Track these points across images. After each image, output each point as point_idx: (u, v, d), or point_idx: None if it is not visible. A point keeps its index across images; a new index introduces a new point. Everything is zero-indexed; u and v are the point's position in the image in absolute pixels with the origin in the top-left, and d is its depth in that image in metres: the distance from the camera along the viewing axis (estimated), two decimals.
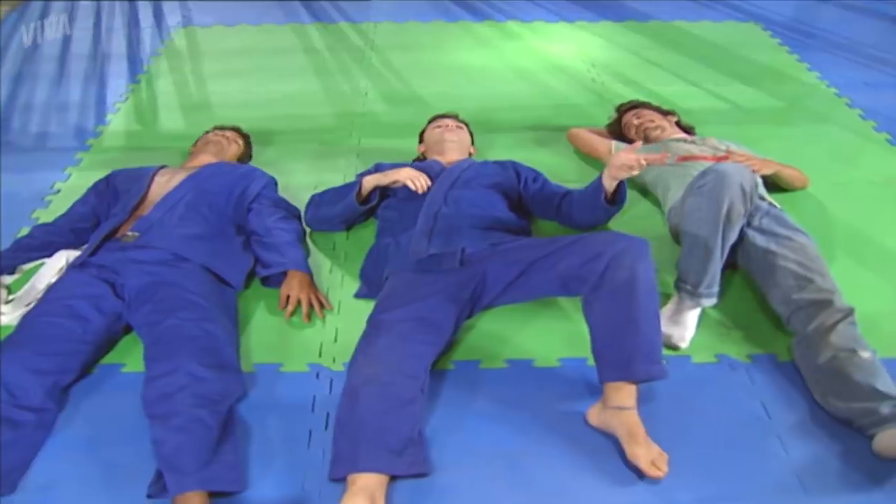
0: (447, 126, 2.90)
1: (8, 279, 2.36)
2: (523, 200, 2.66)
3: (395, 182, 2.53)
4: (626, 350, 1.86)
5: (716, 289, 2.18)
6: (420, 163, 2.77)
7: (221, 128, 3.03)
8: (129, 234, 2.34)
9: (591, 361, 2.05)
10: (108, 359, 2.10)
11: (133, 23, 4.95)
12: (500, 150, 3.18)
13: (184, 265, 2.23)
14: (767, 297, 2.21)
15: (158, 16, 5.11)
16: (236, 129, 3.05)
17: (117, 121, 3.55)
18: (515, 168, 2.73)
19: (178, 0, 5.31)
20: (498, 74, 4.07)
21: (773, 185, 2.78)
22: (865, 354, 1.93)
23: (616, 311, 1.90)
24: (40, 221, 2.66)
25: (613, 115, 3.21)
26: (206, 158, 2.80)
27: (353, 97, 3.81)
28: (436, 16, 5.02)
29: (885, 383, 1.86)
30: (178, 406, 1.78)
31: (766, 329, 2.23)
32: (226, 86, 3.95)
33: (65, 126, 3.50)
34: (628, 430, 1.79)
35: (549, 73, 4.07)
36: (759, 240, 2.28)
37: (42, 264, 2.36)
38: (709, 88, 3.86)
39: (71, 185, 2.93)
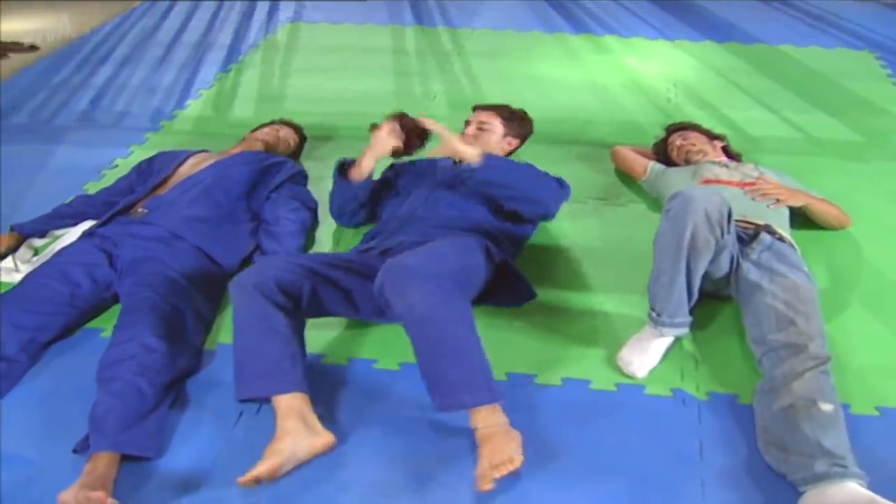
0: (468, 123, 2.89)
1: (38, 242, 2.60)
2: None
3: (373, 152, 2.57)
4: (432, 381, 1.80)
5: (681, 319, 2.09)
6: (427, 160, 2.79)
7: (281, 122, 3.19)
8: (140, 210, 2.53)
9: (594, 384, 2.05)
10: (93, 324, 2.25)
11: (247, 16, 5.27)
12: (540, 162, 3.13)
13: (177, 244, 2.38)
14: (746, 334, 2.11)
15: (273, 11, 5.41)
16: (292, 126, 3.18)
17: (194, 106, 3.80)
18: None
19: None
20: (572, 87, 4.03)
21: (809, 219, 2.63)
22: (826, 407, 1.80)
23: (414, 343, 1.82)
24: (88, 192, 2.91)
25: (662, 134, 3.12)
26: (248, 147, 2.97)
27: (420, 100, 3.89)
28: (536, 26, 5.03)
29: (834, 440, 1.73)
30: (122, 372, 1.91)
31: (737, 368, 2.12)
32: (306, 80, 4.14)
33: (146, 107, 3.77)
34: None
35: (625, 90, 3.99)
36: (752, 273, 2.17)
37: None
38: (786, 116, 3.66)
39: (128, 162, 3.14)
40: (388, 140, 2.55)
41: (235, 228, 2.59)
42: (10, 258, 2.49)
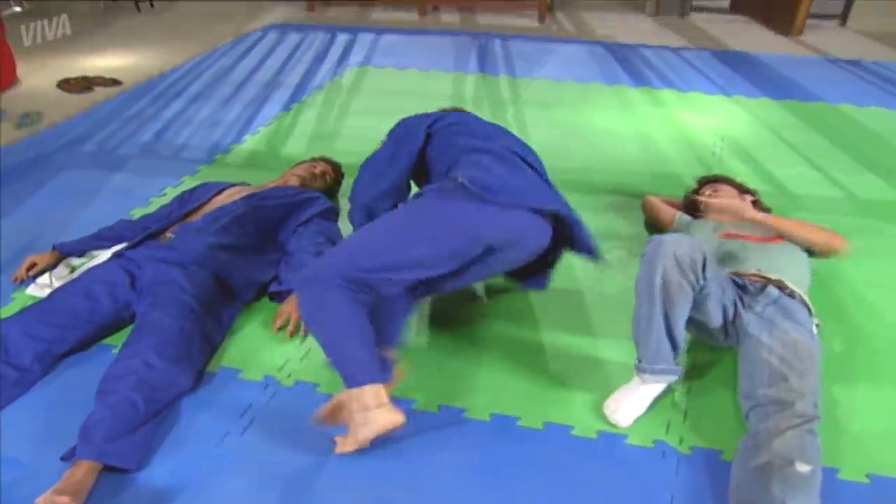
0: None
1: (76, 261, 2.74)
2: None
3: None
4: None
5: (663, 366, 2.03)
6: None
7: (320, 159, 3.29)
8: (168, 235, 2.65)
9: (576, 430, 2.02)
10: (108, 340, 2.34)
11: (318, 59, 5.46)
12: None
13: (196, 269, 2.46)
14: (737, 387, 2.05)
15: (346, 53, 5.59)
16: (330, 162, 3.28)
17: (250, 141, 3.94)
18: None
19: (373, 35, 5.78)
20: (621, 137, 4.00)
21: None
22: (803, 468, 1.72)
23: None
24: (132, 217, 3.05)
25: (694, 185, 3.08)
26: (284, 181, 3.08)
27: None
28: (597, 78, 5.04)
29: (803, 502, 1.66)
30: (120, 387, 1.99)
31: (727, 423, 2.04)
32: (361, 121, 4.24)
33: (205, 141, 3.93)
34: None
35: (671, 142, 3.94)
36: (753, 326, 2.11)
37: None
38: (832, 175, 3.54)
39: (176, 191, 3.29)
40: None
41: (258, 258, 2.66)
42: (46, 275, 2.63)
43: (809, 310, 2.23)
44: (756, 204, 2.89)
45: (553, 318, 2.52)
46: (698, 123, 4.20)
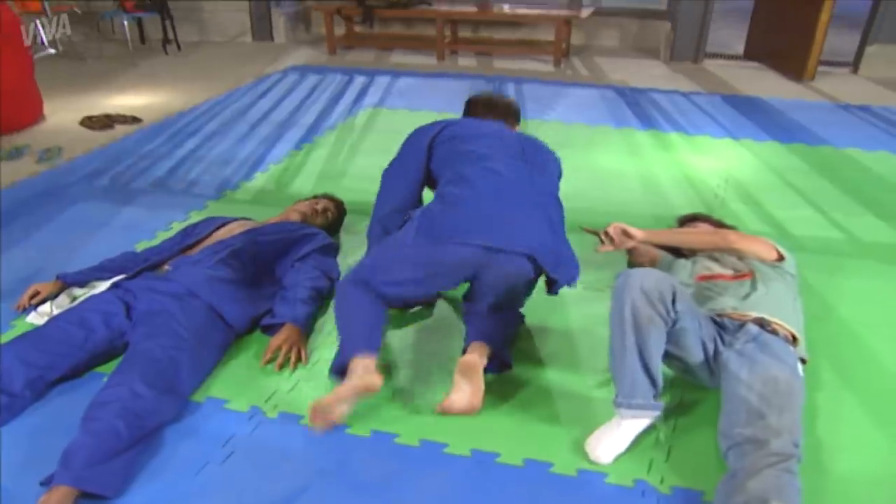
0: None
1: (79, 291, 2.77)
2: None
3: None
4: None
5: (640, 401, 2.00)
6: None
7: (322, 196, 3.33)
8: (166, 268, 2.68)
9: (556, 468, 2.00)
10: (101, 368, 2.35)
11: (335, 99, 5.55)
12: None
13: (190, 300, 2.48)
14: (718, 426, 2.01)
15: (361, 95, 5.68)
16: (332, 200, 3.32)
17: (260, 179, 3.99)
18: None
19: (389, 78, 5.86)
20: (623, 179, 4.01)
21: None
22: None
23: None
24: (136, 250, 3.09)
25: (675, 225, 3.07)
26: (285, 217, 3.11)
27: None
28: (607, 121, 5.06)
29: None
30: (105, 413, 2.00)
31: (711, 463, 2.00)
32: (368, 160, 4.26)
33: (216, 177, 3.98)
34: None
35: (675, 184, 3.94)
36: (733, 363, 2.08)
37: None
38: (834, 217, 3.52)
39: (183, 225, 3.35)
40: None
41: (254, 292, 2.68)
42: (48, 304, 2.66)
43: (795, 345, 2.20)
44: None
45: (537, 352, 2.51)
46: (704, 166, 4.19)
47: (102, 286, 2.70)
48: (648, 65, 6.79)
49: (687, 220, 2.96)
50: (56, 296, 2.72)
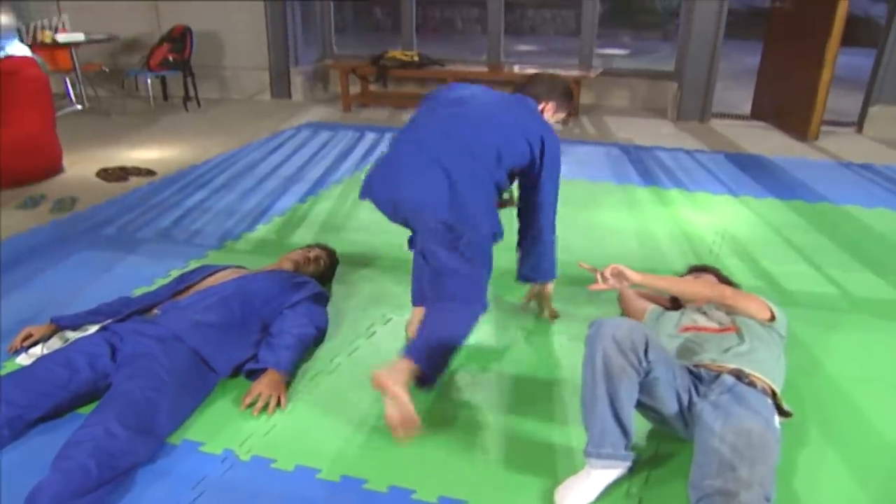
0: None
1: (71, 334, 2.80)
2: None
3: None
4: None
5: (608, 451, 1.97)
6: None
7: (315, 245, 3.38)
8: (155, 312, 2.72)
9: None
10: (84, 409, 2.36)
11: (344, 154, 5.64)
12: (561, 303, 3.17)
13: (175, 344, 2.51)
14: (689, 477, 1.98)
15: (370, 150, 5.76)
16: (325, 249, 3.37)
17: (262, 230, 4.05)
18: None
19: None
20: (620, 234, 4.01)
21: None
22: None
23: None
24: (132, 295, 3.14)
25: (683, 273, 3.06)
26: (278, 266, 3.16)
27: None
28: (608, 177, 5.09)
29: None
30: (77, 452, 2.00)
31: None
32: (372, 214, 4.27)
33: (219, 228, 4.04)
34: None
35: (671, 239, 3.93)
36: (707, 414, 2.05)
37: None
38: (828, 272, 3.49)
39: (180, 273, 3.41)
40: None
41: (241, 338, 2.69)
42: (39, 346, 2.70)
43: (775, 398, 2.18)
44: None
45: (509, 399, 2.49)
46: (701, 222, 4.19)
47: (94, 329, 2.74)
48: (656, 124, 6.84)
49: (695, 271, 2.95)
50: (48, 338, 2.75)
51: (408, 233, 2.78)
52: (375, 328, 2.97)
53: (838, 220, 4.22)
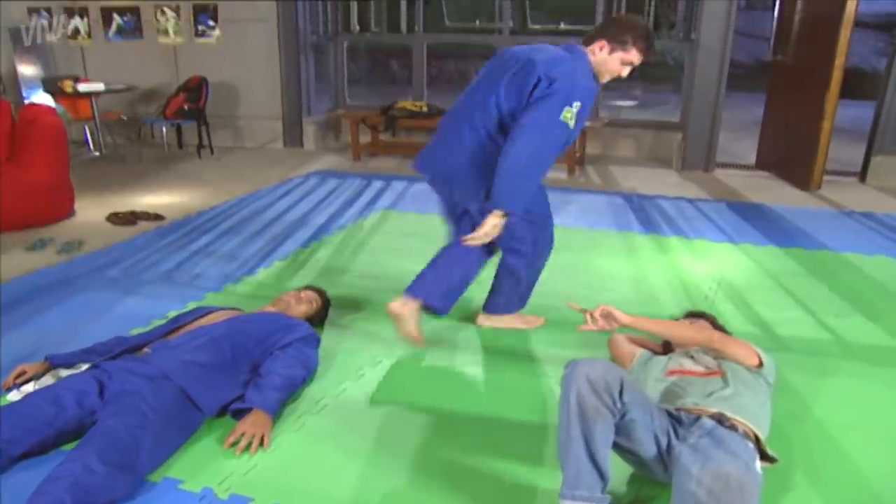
0: None
1: (64, 372, 2.83)
2: None
3: None
4: None
5: (583, 493, 1.93)
6: None
7: (308, 287, 3.41)
8: (145, 350, 2.75)
9: None
10: (69, 446, 2.37)
11: (349, 202, 5.70)
12: (553, 346, 3.17)
13: (163, 383, 2.51)
14: None
15: (375, 198, 5.83)
16: (317, 291, 3.40)
17: (262, 274, 4.08)
18: None
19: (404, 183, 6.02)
20: (616, 280, 4.00)
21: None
22: None
23: None
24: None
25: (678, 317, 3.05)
26: (269, 309, 3.19)
27: None
28: (609, 225, 5.10)
29: None
30: (54, 488, 2.00)
31: None
32: (372, 259, 4.35)
33: (220, 271, 4.07)
34: None
35: (667, 285, 3.92)
36: (685, 458, 2.02)
37: None
38: (823, 318, 3.46)
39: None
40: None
41: (230, 378, 2.69)
42: (31, 383, 2.72)
43: (759, 444, 2.15)
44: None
45: (497, 443, 2.47)
46: (698, 268, 4.18)
47: (86, 367, 2.77)
48: (661, 174, 6.86)
49: (690, 316, 2.94)
50: (41, 376, 2.77)
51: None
52: (364, 371, 2.96)
53: (837, 267, 4.19)
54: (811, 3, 6.03)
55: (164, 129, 7.57)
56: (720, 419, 2.15)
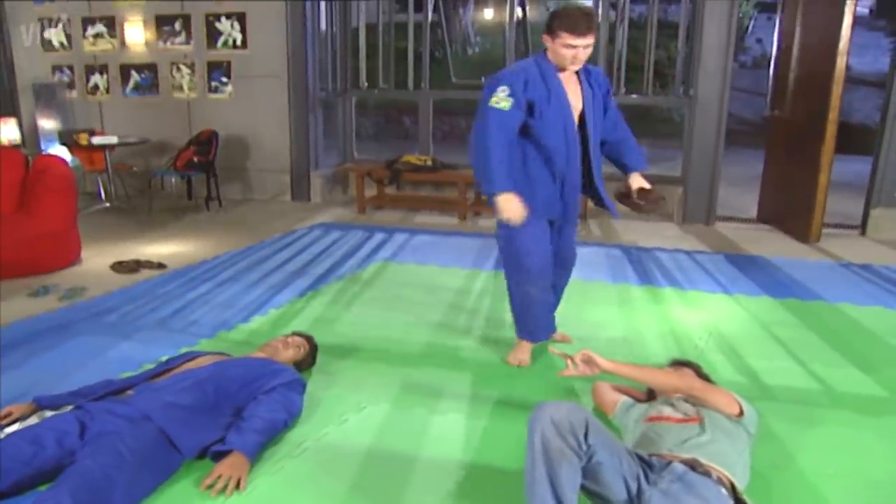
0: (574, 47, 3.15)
1: (51, 414, 2.87)
2: None
3: None
4: None
5: None
6: None
7: (296, 334, 3.44)
8: (129, 392, 2.77)
9: None
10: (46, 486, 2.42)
11: (350, 253, 5.75)
12: (537, 394, 3.16)
13: (143, 424, 2.52)
14: None
15: (376, 250, 5.87)
16: (305, 337, 3.42)
17: (257, 322, 4.10)
18: None
19: (408, 235, 6.08)
20: (606, 330, 4.00)
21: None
22: None
23: None
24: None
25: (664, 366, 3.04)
26: (257, 354, 3.21)
27: (456, 334, 3.94)
28: (604, 276, 5.10)
29: None
30: None
31: None
32: (365, 309, 4.36)
33: (216, 319, 4.10)
34: None
35: (657, 336, 3.91)
36: (655, 502, 2.03)
37: None
38: (812, 368, 3.44)
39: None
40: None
41: (212, 421, 2.70)
42: (17, 424, 2.74)
43: (734, 492, 2.13)
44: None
45: (471, 490, 2.45)
46: (691, 319, 4.17)
47: (70, 409, 2.79)
48: (662, 227, 6.88)
49: (675, 365, 2.94)
50: (27, 417, 2.79)
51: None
52: (348, 416, 2.97)
53: (829, 317, 4.17)
54: (805, 60, 6.11)
55: (173, 181, 7.71)
56: (693, 465, 2.14)
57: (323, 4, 7.85)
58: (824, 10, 5.76)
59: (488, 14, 20.13)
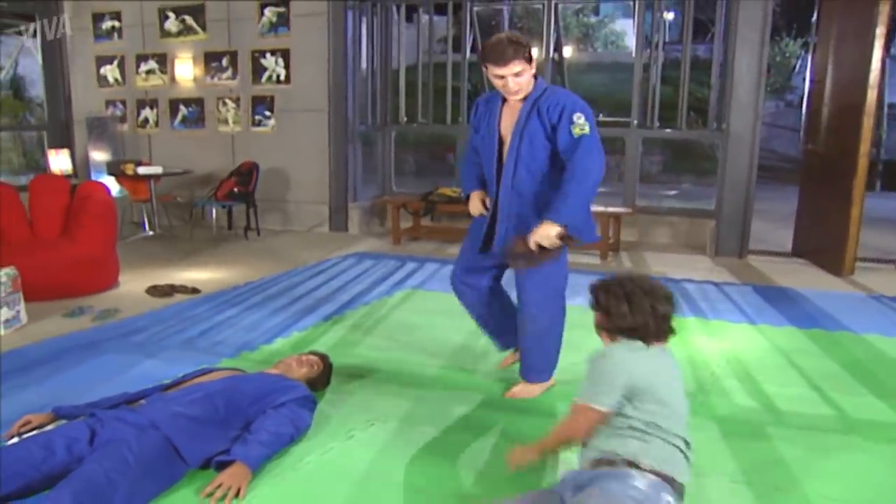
0: (503, 77, 3.10)
1: (63, 423, 2.96)
2: None
3: None
4: None
5: None
6: None
7: (310, 352, 3.49)
8: (141, 402, 2.85)
9: None
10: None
11: (379, 281, 5.81)
12: (516, 416, 3.17)
13: (150, 432, 2.58)
14: None
15: (405, 278, 5.92)
16: (319, 356, 3.47)
17: (279, 343, 4.16)
18: None
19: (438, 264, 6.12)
20: None
21: None
22: None
23: None
24: None
25: None
26: (271, 371, 3.27)
27: (473, 358, 3.94)
28: None
29: None
30: None
31: None
32: (388, 332, 4.43)
33: (240, 340, 4.19)
34: None
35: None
36: None
37: None
38: (830, 395, 3.37)
39: None
40: None
41: (219, 433, 2.74)
42: (36, 432, 2.85)
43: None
44: None
45: None
46: (711, 348, 4.12)
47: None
48: (694, 259, 6.81)
49: None
50: (45, 426, 2.89)
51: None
52: (355, 433, 2.99)
53: (855, 347, 4.08)
54: (837, 94, 6.05)
55: (214, 211, 7.91)
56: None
57: (364, 44, 8.04)
58: (855, 45, 5.71)
59: None
